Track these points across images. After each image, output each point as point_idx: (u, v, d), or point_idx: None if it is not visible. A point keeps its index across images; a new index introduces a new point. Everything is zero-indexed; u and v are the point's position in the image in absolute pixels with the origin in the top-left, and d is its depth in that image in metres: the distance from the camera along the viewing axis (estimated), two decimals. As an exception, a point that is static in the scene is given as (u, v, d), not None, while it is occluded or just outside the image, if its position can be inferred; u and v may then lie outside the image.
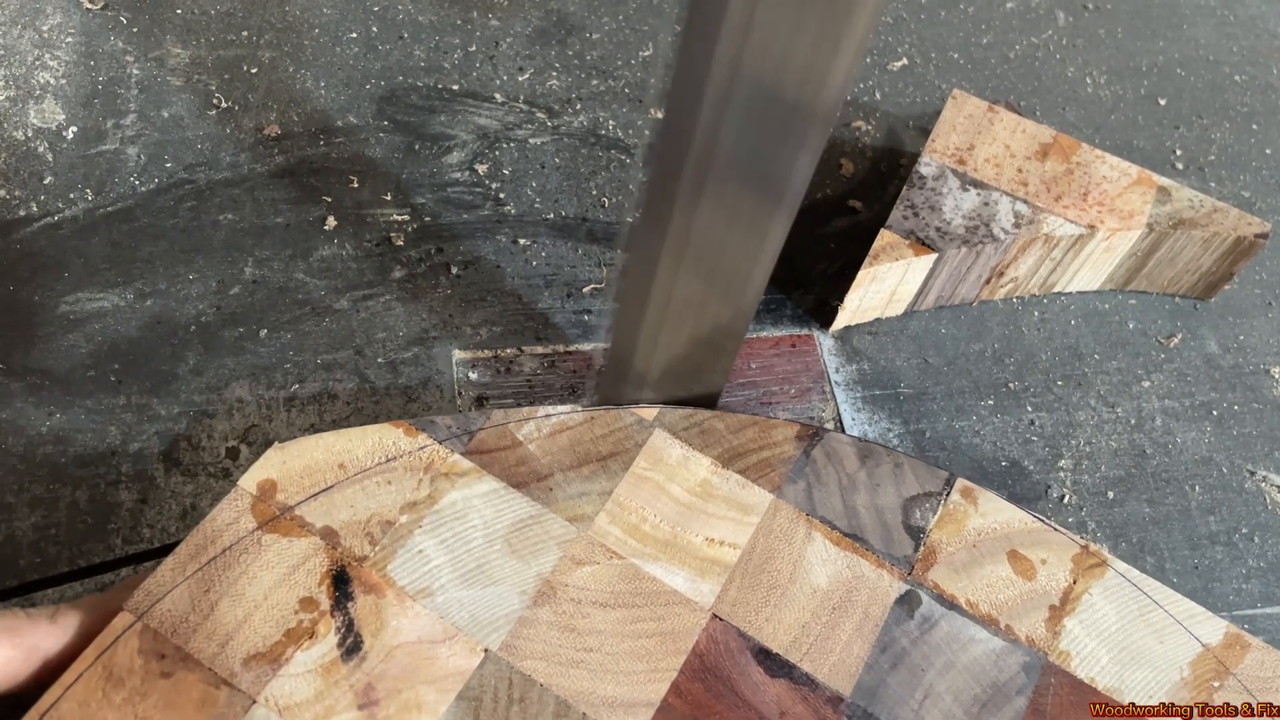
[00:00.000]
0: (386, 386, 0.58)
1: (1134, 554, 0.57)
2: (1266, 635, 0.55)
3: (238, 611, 0.44)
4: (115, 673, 0.41)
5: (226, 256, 0.63)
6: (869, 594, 0.47)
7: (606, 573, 0.47)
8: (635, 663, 0.45)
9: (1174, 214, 0.64)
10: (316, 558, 0.45)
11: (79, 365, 0.57)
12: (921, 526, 0.49)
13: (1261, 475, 0.61)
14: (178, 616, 0.43)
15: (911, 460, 0.51)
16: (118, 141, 0.67)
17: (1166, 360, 0.65)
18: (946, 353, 0.64)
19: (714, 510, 0.49)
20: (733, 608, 0.47)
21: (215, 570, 0.44)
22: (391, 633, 0.44)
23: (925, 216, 0.62)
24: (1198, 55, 0.84)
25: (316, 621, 0.44)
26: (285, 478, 0.47)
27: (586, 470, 0.50)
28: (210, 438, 0.55)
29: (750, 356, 0.62)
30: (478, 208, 0.67)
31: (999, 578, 0.48)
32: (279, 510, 0.46)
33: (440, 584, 0.46)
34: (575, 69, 0.75)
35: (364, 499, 0.47)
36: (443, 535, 0.47)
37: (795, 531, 0.49)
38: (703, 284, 0.46)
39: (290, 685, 0.42)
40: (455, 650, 0.44)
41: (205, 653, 0.42)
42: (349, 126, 0.70)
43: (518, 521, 0.48)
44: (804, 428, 0.52)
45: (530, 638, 0.45)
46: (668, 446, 0.51)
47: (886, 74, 0.79)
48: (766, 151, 0.39)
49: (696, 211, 0.42)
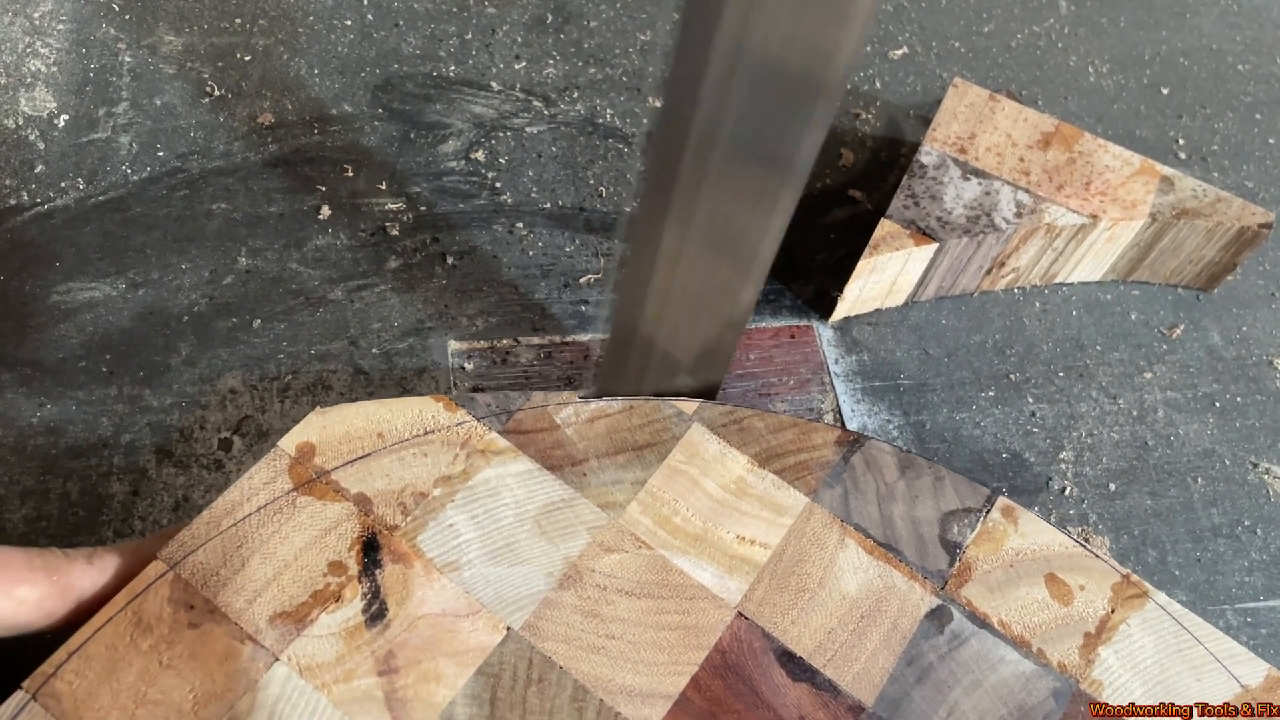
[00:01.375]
0: (381, 377, 0.58)
1: (1136, 547, 0.57)
2: (1269, 629, 0.54)
3: (267, 570, 0.44)
4: (144, 619, 0.42)
5: (220, 246, 0.62)
6: (899, 605, 0.47)
7: (634, 562, 0.47)
8: (656, 654, 0.45)
9: (1177, 204, 0.63)
10: (348, 523, 0.46)
11: (70, 356, 0.57)
12: (958, 542, 0.49)
13: (1265, 467, 0.60)
14: (209, 569, 0.44)
15: (953, 474, 0.50)
16: (110, 130, 0.66)
17: (1169, 351, 0.65)
18: (947, 344, 0.64)
19: (747, 509, 0.49)
20: (759, 607, 0.46)
21: (249, 527, 0.45)
22: (416, 603, 0.44)
23: (926, 206, 0.62)
24: (1201, 44, 0.83)
25: (344, 586, 0.44)
26: (324, 442, 0.48)
27: (622, 458, 0.50)
28: (203, 429, 0.55)
29: (749, 348, 0.62)
30: (474, 197, 0.66)
31: (1034, 600, 0.47)
32: (315, 473, 0.47)
33: (468, 559, 0.46)
34: (572, 57, 0.75)
35: (399, 469, 0.48)
36: (474, 511, 0.47)
37: (828, 536, 0.48)
38: (706, 269, 0.45)
39: (313, 646, 0.43)
40: (478, 626, 0.44)
41: (233, 607, 0.43)
42: (344, 115, 0.69)
43: (549, 504, 0.48)
44: (845, 433, 0.51)
45: (553, 620, 0.45)
46: (705, 441, 0.51)
47: (887, 62, 0.78)
48: (772, 128, 0.39)
49: (700, 194, 0.41)
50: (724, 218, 0.43)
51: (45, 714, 0.40)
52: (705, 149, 0.39)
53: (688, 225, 0.43)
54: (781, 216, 0.43)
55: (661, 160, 0.41)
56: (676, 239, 0.43)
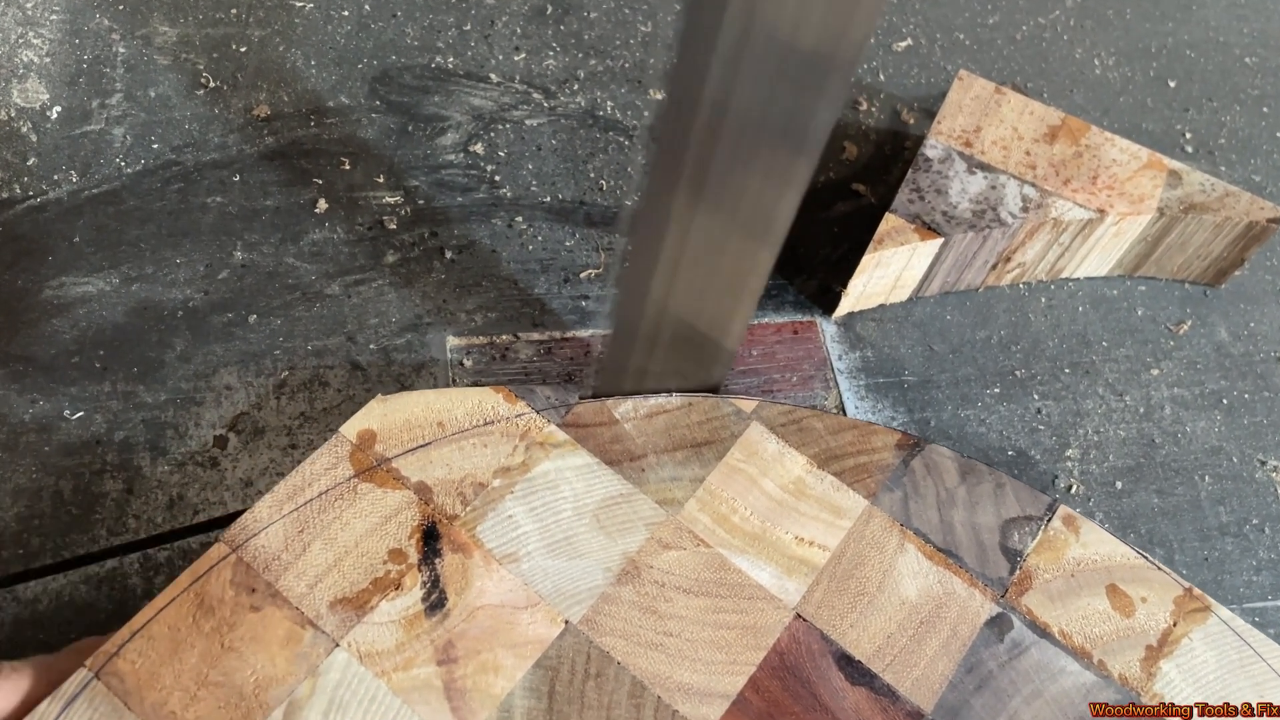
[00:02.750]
0: (379, 373, 0.57)
1: (1142, 545, 0.56)
2: (1276, 629, 0.54)
3: (329, 555, 0.45)
4: (207, 601, 0.43)
5: (215, 240, 0.61)
6: (959, 612, 0.46)
7: (692, 559, 0.47)
8: (714, 652, 0.45)
9: (1185, 198, 0.62)
10: (409, 511, 0.46)
11: (63, 351, 0.56)
12: (1019, 550, 0.48)
13: (1273, 465, 0.60)
14: (270, 553, 0.44)
15: (1014, 482, 0.50)
16: (103, 122, 0.65)
17: (1176, 348, 0.64)
18: (952, 340, 0.63)
19: (806, 509, 0.49)
20: (817, 610, 0.46)
21: (310, 512, 0.46)
22: (475, 593, 0.45)
23: (931, 200, 0.61)
24: (1208, 37, 0.82)
25: (404, 574, 0.45)
26: (385, 430, 0.48)
27: (680, 455, 0.50)
28: (198, 426, 0.54)
29: (751, 343, 0.61)
30: (472, 190, 0.65)
31: (1095, 611, 0.47)
32: (376, 461, 0.47)
33: (527, 551, 0.46)
34: (572, 48, 0.74)
35: (459, 459, 0.48)
36: (533, 503, 0.47)
37: (888, 540, 0.48)
38: (716, 247, 0.44)
39: (373, 633, 0.43)
40: (536, 618, 0.45)
41: (294, 591, 0.44)
42: (340, 107, 0.68)
43: (608, 498, 0.48)
44: (905, 436, 0.51)
45: (611, 615, 0.45)
46: (764, 440, 0.50)
47: (891, 55, 0.77)
48: (784, 104, 0.38)
49: (710, 170, 0.40)
50: (736, 192, 0.41)
51: (108, 693, 0.40)
52: (715, 126, 0.38)
53: (696, 202, 0.42)
54: (796, 189, 0.42)
55: (669, 139, 0.39)
56: (684, 218, 0.42)
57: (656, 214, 0.43)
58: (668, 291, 0.47)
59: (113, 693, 0.40)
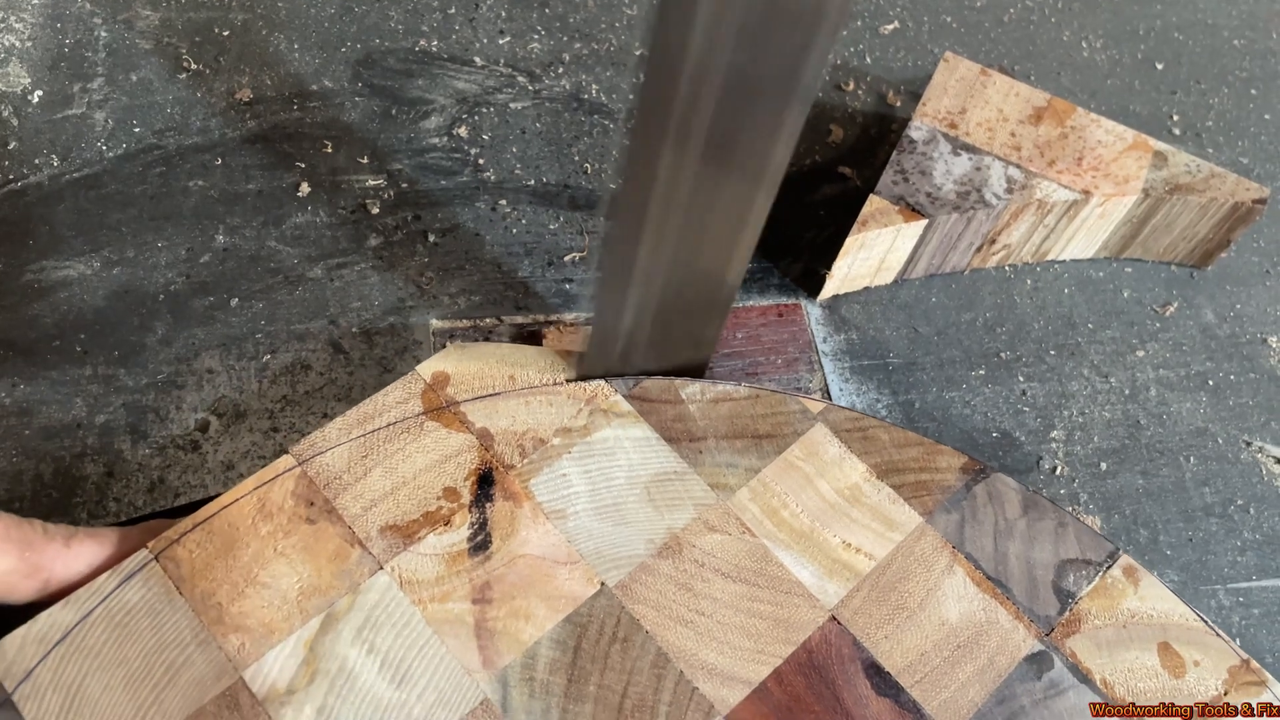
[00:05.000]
0: (361, 357, 0.57)
1: (1127, 526, 0.56)
2: (1261, 608, 0.54)
3: (387, 483, 0.46)
4: (267, 506, 0.45)
5: (197, 224, 0.61)
6: (999, 642, 0.46)
7: (736, 545, 0.47)
8: (743, 639, 0.45)
9: (1170, 179, 0.62)
10: (469, 454, 0.48)
11: (44, 335, 0.55)
12: (1072, 592, 0.47)
13: (1258, 446, 0.60)
14: (332, 472, 0.46)
15: (1077, 523, 0.49)
16: (85, 106, 0.65)
17: (1162, 330, 0.64)
18: (937, 322, 0.63)
19: (858, 516, 0.48)
20: (854, 615, 0.46)
21: (376, 441, 0.48)
22: (519, 542, 0.46)
23: (915, 181, 0.60)
24: (1196, 19, 0.82)
25: (454, 512, 0.46)
26: (459, 375, 0.50)
27: (740, 444, 0.50)
28: (179, 409, 0.54)
29: (736, 326, 0.61)
30: (456, 174, 0.65)
31: (1143, 666, 0.46)
32: (446, 402, 0.49)
33: (575, 510, 0.47)
34: (557, 32, 0.73)
35: (525, 413, 0.49)
36: (588, 466, 0.48)
37: (937, 560, 0.48)
38: (707, 200, 0.44)
39: (417, 563, 0.45)
40: (574, 575, 0.45)
41: (349, 511, 0.45)
42: (324, 91, 0.68)
43: (661, 473, 0.49)
44: (971, 460, 0.51)
45: (647, 585, 0.46)
46: (826, 443, 0.50)
47: (878, 37, 0.77)
48: (770, 56, 0.37)
49: (695, 121, 0.39)
50: (729, 136, 0.40)
51: (163, 575, 0.43)
52: (704, 67, 0.37)
53: (673, 185, 0.41)
54: (791, 129, 0.41)
55: (655, 87, 0.38)
56: (673, 165, 0.41)
57: (644, 165, 0.42)
58: (658, 245, 0.46)
59: (167, 576, 0.43)
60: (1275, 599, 0.54)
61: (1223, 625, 0.53)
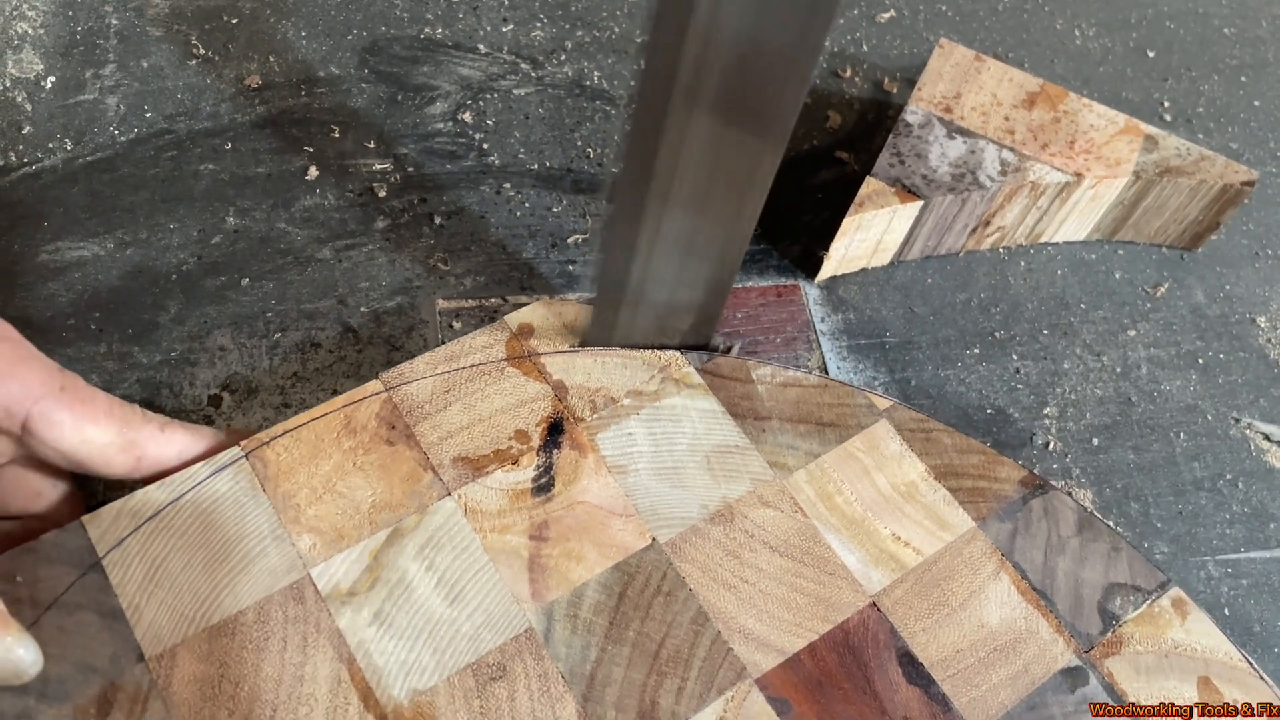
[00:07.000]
0: (370, 335, 0.58)
1: (1118, 500, 0.57)
2: (1250, 579, 0.55)
3: (464, 418, 0.50)
4: (352, 423, 0.49)
5: (208, 206, 0.62)
6: (1037, 651, 0.46)
7: (787, 522, 0.49)
8: (783, 610, 0.46)
9: (1161, 162, 0.63)
10: (543, 402, 0.51)
11: (59, 314, 0.57)
12: (1117, 615, 0.48)
13: (1246, 423, 0.61)
14: (415, 402, 0.50)
15: (1131, 550, 0.50)
16: (97, 91, 0.66)
17: (1153, 310, 0.65)
18: (932, 302, 0.64)
19: (911, 513, 0.50)
20: (894, 604, 0.47)
21: (459, 378, 0.51)
22: (580, 489, 0.48)
23: (911, 164, 0.62)
24: (1187, 8, 0.83)
25: (523, 453, 0.49)
26: (543, 328, 0.53)
27: (803, 428, 0.52)
28: (192, 385, 0.55)
29: (736, 306, 0.62)
30: (461, 158, 0.66)
31: (1180, 697, 0.46)
32: (528, 352, 0.52)
33: (636, 468, 0.49)
34: (560, 19, 0.75)
35: (600, 372, 0.52)
36: (654, 429, 0.51)
37: (984, 564, 0.49)
38: (699, 198, 0.45)
39: (482, 494, 0.48)
40: (627, 527, 0.47)
41: (426, 439, 0.49)
42: (331, 77, 0.69)
43: (723, 445, 0.51)
44: (1031, 475, 0.52)
45: (696, 546, 0.47)
46: (888, 439, 0.52)
47: (874, 25, 0.78)
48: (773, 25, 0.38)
49: (691, 118, 0.40)
50: (736, 97, 0.41)
51: (250, 472, 0.47)
52: (710, 29, 0.38)
53: (675, 158, 0.42)
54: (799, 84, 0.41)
55: (660, 46, 0.39)
56: (680, 126, 0.42)
57: (650, 124, 0.42)
58: (664, 211, 0.46)
59: (255, 474, 0.47)
60: (1263, 570, 0.56)
61: (1212, 595, 0.54)
